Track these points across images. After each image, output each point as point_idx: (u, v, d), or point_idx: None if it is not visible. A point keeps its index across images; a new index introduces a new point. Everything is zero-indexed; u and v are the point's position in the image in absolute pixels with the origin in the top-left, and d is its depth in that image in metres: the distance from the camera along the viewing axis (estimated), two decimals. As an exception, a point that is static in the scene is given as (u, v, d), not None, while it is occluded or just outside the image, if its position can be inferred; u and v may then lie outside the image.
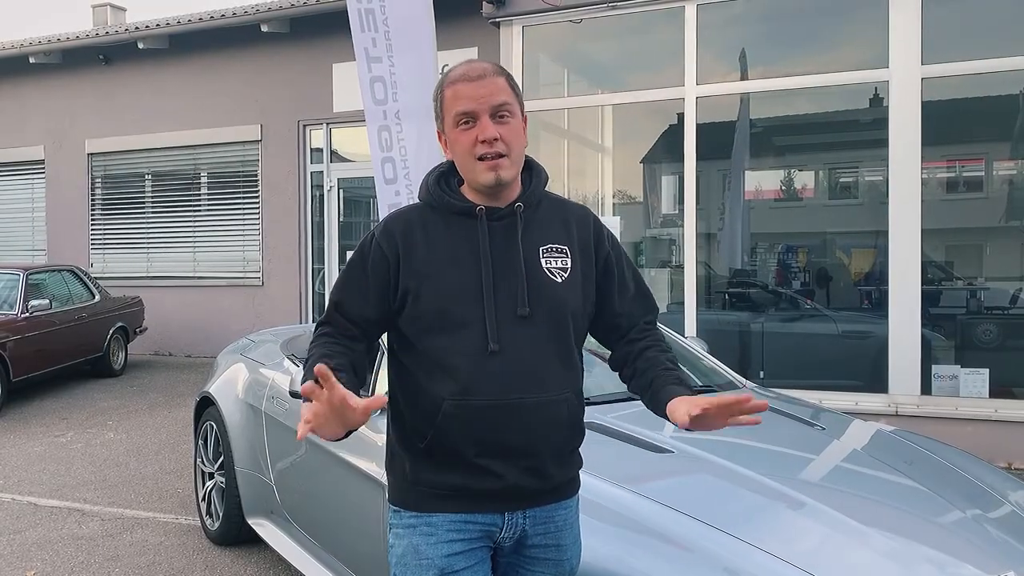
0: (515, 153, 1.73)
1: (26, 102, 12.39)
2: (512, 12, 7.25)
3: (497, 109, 1.71)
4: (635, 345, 1.88)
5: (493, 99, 1.71)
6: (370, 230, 1.83)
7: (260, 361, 4.36)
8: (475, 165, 1.72)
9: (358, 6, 4.93)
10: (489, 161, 1.70)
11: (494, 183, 1.72)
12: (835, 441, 3.19)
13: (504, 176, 1.72)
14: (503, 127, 1.71)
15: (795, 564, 2.15)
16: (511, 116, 1.73)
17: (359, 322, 1.76)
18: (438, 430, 1.70)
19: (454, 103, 1.73)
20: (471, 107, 1.70)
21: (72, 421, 7.50)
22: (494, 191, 1.75)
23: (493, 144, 1.69)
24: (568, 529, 1.85)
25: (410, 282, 1.72)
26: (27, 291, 8.60)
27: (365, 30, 4.94)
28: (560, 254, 1.79)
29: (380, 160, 4.96)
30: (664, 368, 1.81)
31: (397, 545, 1.78)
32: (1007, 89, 7.07)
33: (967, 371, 6.09)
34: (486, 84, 1.72)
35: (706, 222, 7.64)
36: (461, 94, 1.72)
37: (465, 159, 1.73)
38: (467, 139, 1.71)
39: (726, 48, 7.28)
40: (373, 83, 4.95)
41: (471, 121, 1.71)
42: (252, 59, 10.83)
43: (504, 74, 1.76)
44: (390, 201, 4.98)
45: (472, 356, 1.69)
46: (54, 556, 4.29)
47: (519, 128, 1.76)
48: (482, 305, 1.70)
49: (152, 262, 11.76)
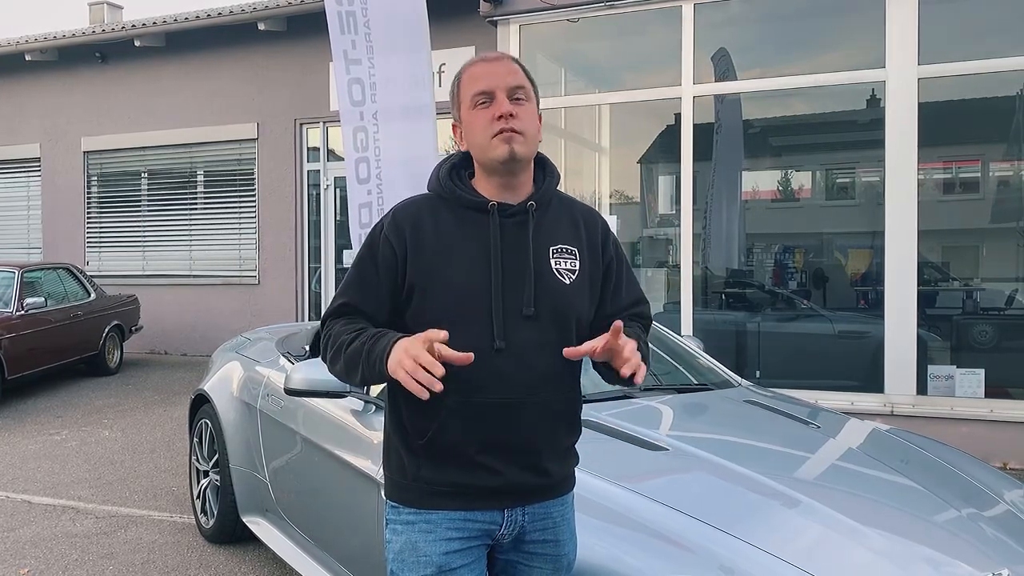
0: (530, 134, 1.74)
1: (22, 100, 12.37)
2: (509, 11, 7.24)
3: (513, 91, 1.73)
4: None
5: (510, 79, 1.73)
6: (379, 220, 1.82)
7: (255, 359, 4.35)
8: (490, 141, 1.72)
9: (338, 8, 4.94)
10: (504, 134, 1.70)
11: (507, 156, 1.71)
12: (831, 440, 3.19)
13: (518, 151, 1.71)
14: (518, 107, 1.72)
15: (791, 562, 2.15)
16: (527, 100, 1.75)
17: (371, 316, 1.77)
18: (440, 427, 1.70)
19: (471, 84, 1.75)
20: (488, 85, 1.72)
21: (67, 419, 7.48)
22: (508, 167, 1.74)
23: (509, 120, 1.70)
24: (565, 524, 1.86)
25: (418, 277, 1.71)
26: (22, 289, 8.58)
27: (345, 32, 4.96)
28: (569, 255, 1.80)
29: (354, 160, 5.00)
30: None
31: (395, 541, 1.77)
32: (1004, 90, 7.08)
33: (963, 371, 6.10)
34: (503, 65, 1.75)
35: (703, 222, 7.64)
36: (478, 75, 1.74)
37: (480, 137, 1.73)
38: (484, 117, 1.72)
39: (723, 48, 7.27)
40: (351, 85, 4.98)
41: (487, 100, 1.72)
42: (249, 58, 10.82)
43: (520, 64, 1.79)
44: (361, 200, 5.01)
45: (476, 352, 1.68)
46: (48, 554, 4.27)
47: (534, 113, 1.76)
48: (490, 302, 1.70)
49: (148, 260, 11.74)
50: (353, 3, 4.96)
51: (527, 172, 1.79)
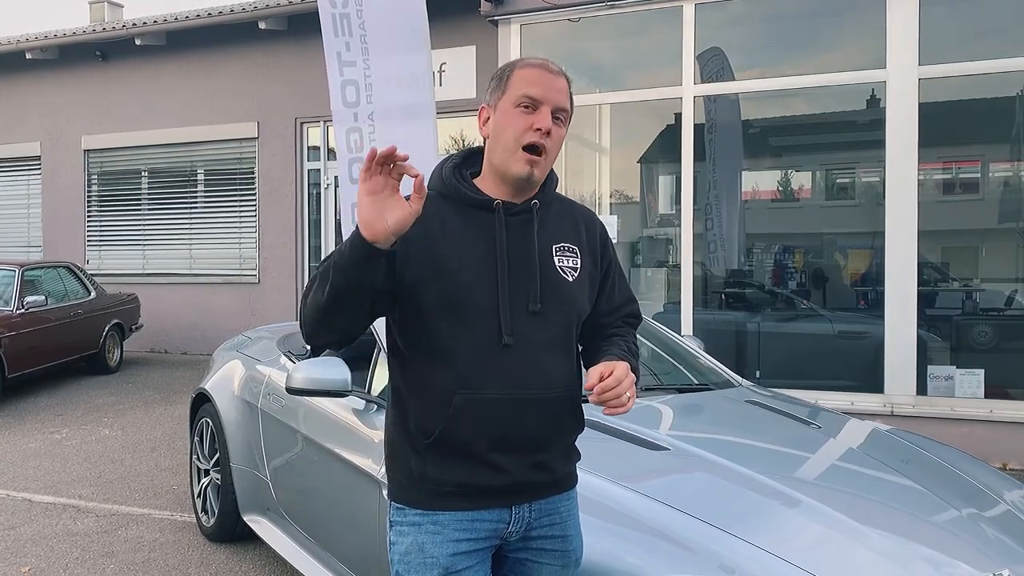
0: (551, 158, 1.76)
1: (23, 98, 12.36)
2: (510, 10, 7.25)
3: (559, 111, 1.74)
4: (604, 331, 1.92)
5: (560, 98, 1.74)
6: None
7: (256, 358, 4.35)
8: (516, 153, 1.72)
9: (332, 11, 4.95)
10: (530, 155, 1.71)
11: (526, 177, 1.73)
12: (831, 440, 3.19)
13: (537, 174, 1.74)
14: (556, 128, 1.74)
15: (791, 561, 2.15)
16: (563, 124, 1.77)
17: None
18: (448, 424, 1.70)
19: (525, 84, 1.73)
20: (540, 94, 1.72)
21: (67, 418, 7.49)
22: (520, 185, 1.76)
23: (544, 137, 1.71)
24: (572, 520, 1.87)
25: (424, 275, 1.70)
26: (23, 287, 8.58)
27: (339, 34, 4.97)
28: (572, 253, 1.82)
29: (348, 160, 5.00)
30: (613, 343, 1.85)
31: (400, 543, 1.76)
32: (1004, 91, 7.09)
33: (962, 372, 6.11)
34: (561, 83, 1.76)
35: (703, 222, 7.65)
36: (536, 79, 1.73)
37: (508, 139, 1.73)
38: (523, 122, 1.72)
39: (724, 48, 7.28)
40: (345, 86, 4.99)
41: (532, 107, 1.72)
42: (249, 56, 10.82)
43: (570, 88, 1.80)
44: (355, 200, 5.01)
45: (484, 349, 1.70)
46: (49, 552, 4.28)
47: (562, 138, 1.78)
48: (496, 299, 1.71)
49: (148, 259, 11.74)
50: (348, 5, 4.97)
51: None
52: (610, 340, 1.88)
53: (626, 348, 1.85)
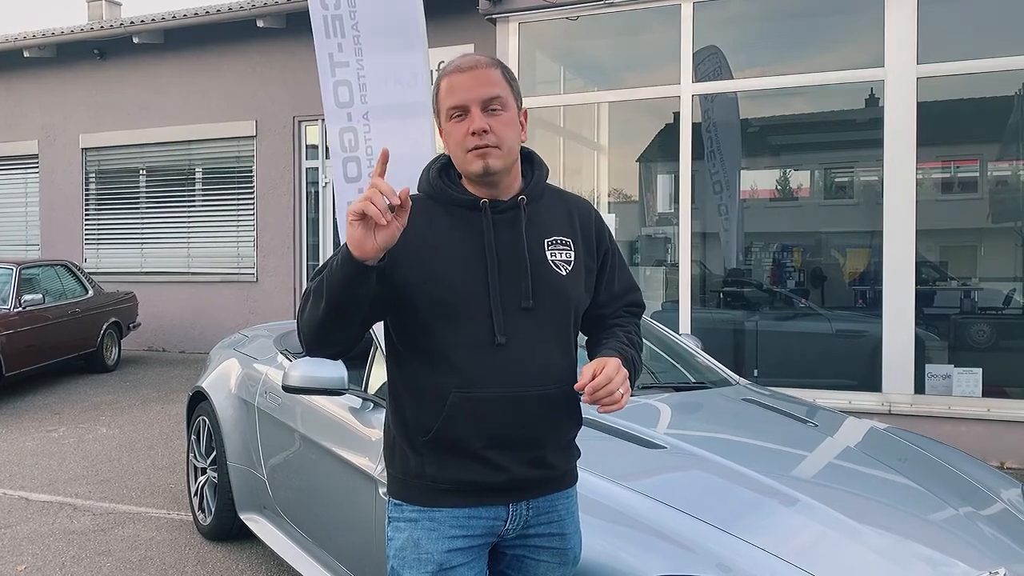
0: (506, 145, 1.74)
1: (20, 96, 12.35)
2: (508, 9, 7.24)
3: (488, 102, 1.72)
4: (605, 321, 1.92)
5: (483, 92, 1.72)
6: None
7: (253, 356, 4.35)
8: (465, 156, 1.73)
9: (324, 12, 4.94)
10: (478, 151, 1.71)
11: (482, 172, 1.72)
12: (829, 438, 3.19)
13: (492, 165, 1.72)
14: (493, 119, 1.72)
15: (789, 560, 2.15)
16: (503, 109, 1.74)
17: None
18: (444, 422, 1.70)
19: (447, 96, 1.74)
20: (461, 99, 1.72)
21: (64, 416, 7.48)
22: (484, 180, 1.75)
23: (483, 136, 1.70)
24: (570, 518, 1.87)
25: (414, 276, 1.70)
26: (20, 286, 8.57)
27: (331, 36, 4.97)
28: (564, 246, 1.81)
29: (342, 160, 5.00)
30: (612, 335, 1.85)
31: (396, 538, 1.77)
32: (1002, 90, 7.09)
33: (960, 370, 6.10)
34: (477, 76, 1.73)
35: (701, 221, 7.65)
36: (454, 87, 1.73)
37: (456, 151, 1.75)
38: (459, 131, 1.73)
39: (723, 47, 7.28)
40: (337, 87, 4.99)
41: (463, 114, 1.72)
42: (247, 55, 10.81)
43: (498, 66, 1.77)
44: (350, 198, 5.01)
45: (478, 348, 1.70)
46: (45, 550, 4.27)
47: (511, 120, 1.76)
48: (488, 298, 1.71)
49: (146, 258, 11.73)
50: (340, 6, 4.96)
51: (511, 173, 1.79)
52: (610, 332, 1.88)
53: (626, 339, 1.84)
